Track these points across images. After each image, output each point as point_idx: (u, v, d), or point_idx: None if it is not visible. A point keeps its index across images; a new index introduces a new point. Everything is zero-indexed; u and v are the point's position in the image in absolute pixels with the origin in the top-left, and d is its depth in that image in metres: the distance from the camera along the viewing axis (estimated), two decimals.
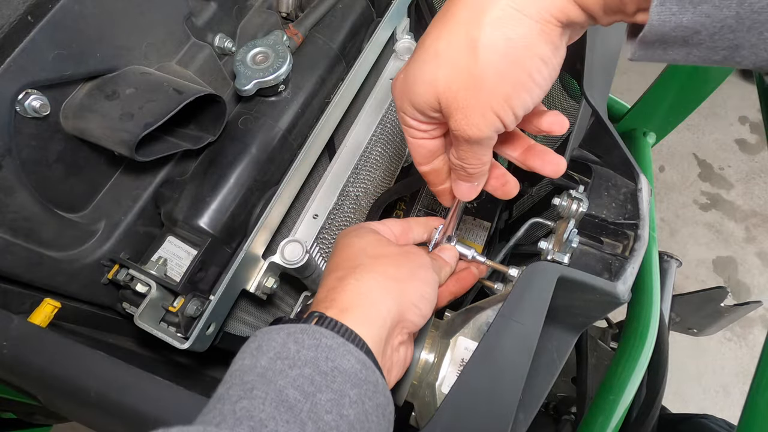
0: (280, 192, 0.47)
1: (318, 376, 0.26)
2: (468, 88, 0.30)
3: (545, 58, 0.29)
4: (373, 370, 0.29)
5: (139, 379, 0.34)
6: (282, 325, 0.29)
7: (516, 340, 0.37)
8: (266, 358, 0.27)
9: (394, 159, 0.80)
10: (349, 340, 0.29)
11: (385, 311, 0.32)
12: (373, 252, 0.37)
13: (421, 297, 0.35)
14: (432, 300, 0.37)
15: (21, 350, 0.35)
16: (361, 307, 0.32)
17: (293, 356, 0.27)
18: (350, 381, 0.27)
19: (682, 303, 0.83)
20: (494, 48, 0.28)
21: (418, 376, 0.43)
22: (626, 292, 0.38)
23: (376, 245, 0.38)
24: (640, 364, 0.56)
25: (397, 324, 0.34)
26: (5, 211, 0.37)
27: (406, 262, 0.37)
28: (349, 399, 0.27)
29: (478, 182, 0.39)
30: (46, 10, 0.34)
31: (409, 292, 0.35)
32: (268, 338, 0.29)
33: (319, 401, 0.26)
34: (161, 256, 0.44)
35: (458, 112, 0.31)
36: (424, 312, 0.36)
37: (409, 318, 0.34)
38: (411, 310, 0.34)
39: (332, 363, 0.27)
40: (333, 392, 0.26)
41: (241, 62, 0.48)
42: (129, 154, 0.37)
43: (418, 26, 0.78)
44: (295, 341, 0.28)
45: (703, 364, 1.54)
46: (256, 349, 0.28)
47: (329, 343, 0.28)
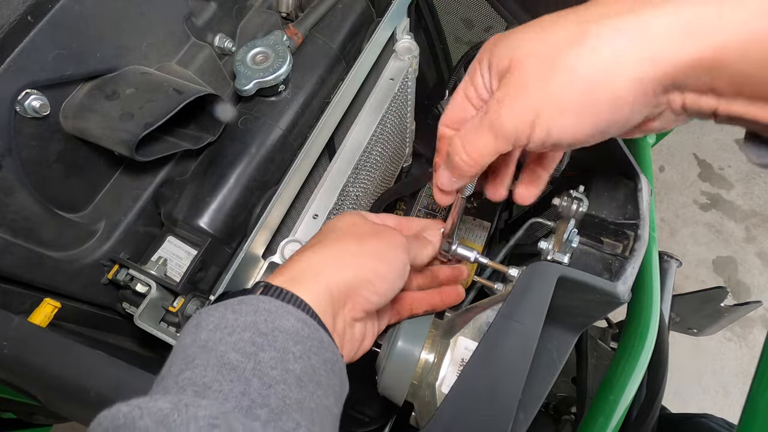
0: (280, 192, 0.47)
1: (258, 338, 0.27)
2: (538, 77, 0.27)
3: (625, 112, 0.26)
4: (317, 328, 0.29)
5: (139, 379, 0.34)
6: (219, 303, 0.30)
7: (516, 340, 0.37)
8: (205, 332, 0.28)
9: (394, 159, 0.80)
10: (289, 303, 0.30)
11: (333, 282, 0.33)
12: (343, 229, 0.37)
13: (377, 274, 0.35)
14: (392, 280, 0.36)
15: (21, 350, 0.35)
16: (307, 275, 0.33)
17: (231, 324, 0.28)
18: (292, 339, 0.28)
19: (682, 303, 0.83)
20: (588, 72, 0.25)
21: (418, 376, 0.42)
22: (626, 292, 0.38)
23: (350, 225, 0.38)
24: (640, 364, 0.55)
25: (347, 297, 0.34)
26: (5, 211, 0.37)
27: (372, 240, 0.36)
28: (293, 355, 0.27)
29: (457, 180, 0.35)
30: (46, 10, 0.34)
31: (365, 268, 0.35)
32: (206, 315, 0.29)
33: (263, 359, 0.26)
34: (161, 256, 0.44)
35: (511, 88, 0.28)
36: (379, 290, 0.35)
37: (362, 294, 0.34)
38: (364, 285, 0.34)
39: (272, 324, 0.28)
40: (275, 350, 0.27)
41: (241, 62, 0.48)
42: (129, 154, 0.37)
43: (418, 26, 0.78)
44: (233, 311, 0.28)
45: (703, 364, 1.54)
46: (195, 326, 0.29)
47: (267, 307, 0.29)
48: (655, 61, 0.24)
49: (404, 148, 0.85)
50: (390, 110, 0.66)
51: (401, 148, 0.83)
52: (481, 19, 0.75)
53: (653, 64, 0.24)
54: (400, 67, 0.66)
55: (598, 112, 0.26)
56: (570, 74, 0.26)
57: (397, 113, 0.71)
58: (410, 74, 0.69)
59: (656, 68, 0.24)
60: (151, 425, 0.21)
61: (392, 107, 0.66)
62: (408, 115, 0.77)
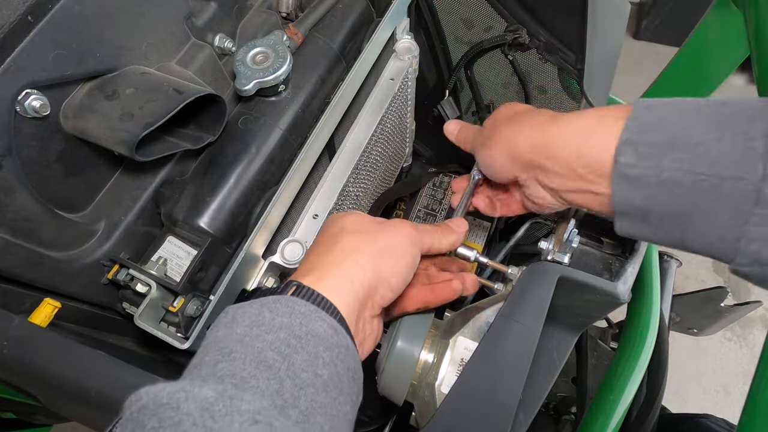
0: (280, 192, 0.47)
1: (293, 340, 0.28)
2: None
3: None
4: (344, 335, 0.31)
5: (139, 379, 0.34)
6: (254, 300, 0.31)
7: (516, 340, 0.37)
8: (242, 327, 0.28)
9: (394, 159, 0.80)
10: (321, 308, 0.30)
11: (358, 284, 0.34)
12: (352, 229, 0.38)
13: (393, 271, 0.36)
14: (405, 274, 0.37)
15: (21, 350, 0.35)
16: (336, 278, 0.34)
17: (269, 323, 0.28)
18: (323, 344, 0.29)
19: (682, 303, 0.83)
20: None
21: (417, 376, 0.42)
22: (626, 292, 0.38)
23: (355, 224, 0.39)
24: (640, 364, 0.56)
25: (369, 297, 0.35)
26: (5, 211, 0.37)
27: (382, 237, 0.37)
28: (323, 360, 0.28)
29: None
30: (46, 10, 0.34)
31: (381, 267, 0.36)
32: (241, 311, 0.30)
33: (296, 361, 0.27)
34: (161, 256, 0.44)
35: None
36: (394, 286, 0.37)
37: (380, 292, 0.36)
38: (382, 284, 0.36)
39: (306, 328, 0.29)
40: (308, 354, 0.28)
41: (241, 62, 0.48)
42: (129, 154, 0.37)
43: (418, 26, 0.78)
44: (270, 310, 0.29)
45: (703, 364, 1.54)
46: (230, 321, 0.29)
47: (302, 310, 0.29)
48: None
49: (404, 148, 0.85)
50: (390, 110, 0.66)
51: (401, 148, 0.83)
52: (481, 19, 0.75)
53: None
54: (400, 67, 0.66)
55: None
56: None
57: (397, 113, 0.71)
58: (410, 74, 0.69)
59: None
60: (195, 411, 0.22)
61: (392, 107, 0.66)
62: (408, 115, 0.77)
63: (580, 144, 0.33)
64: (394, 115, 0.70)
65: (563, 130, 0.35)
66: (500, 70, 0.79)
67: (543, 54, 0.69)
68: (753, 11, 0.60)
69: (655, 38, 2.11)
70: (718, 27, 0.69)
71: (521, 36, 0.69)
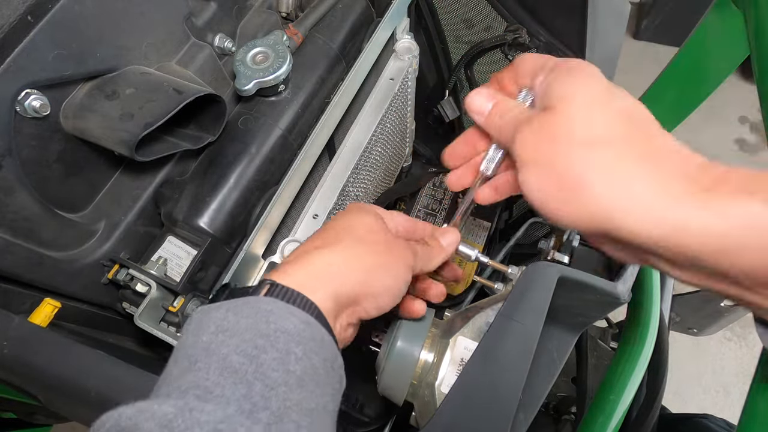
0: (280, 192, 0.47)
1: (260, 339, 0.27)
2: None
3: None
4: (319, 328, 0.29)
5: (139, 379, 0.34)
6: (221, 303, 0.30)
7: (516, 340, 0.37)
8: (207, 334, 0.28)
9: (394, 159, 0.80)
10: (293, 303, 0.30)
11: (342, 289, 0.33)
12: (359, 233, 0.37)
13: (385, 290, 0.35)
14: (394, 297, 0.36)
15: (21, 350, 0.35)
16: (319, 276, 0.33)
17: (233, 326, 0.28)
18: (294, 340, 0.28)
19: (682, 303, 0.83)
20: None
21: (417, 376, 0.43)
22: (626, 292, 0.38)
23: (366, 228, 0.38)
24: (640, 364, 0.55)
25: (352, 304, 0.34)
26: (5, 211, 0.37)
27: (385, 254, 0.36)
28: (295, 356, 0.27)
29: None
30: (46, 10, 0.34)
31: (374, 284, 0.35)
32: (207, 317, 0.29)
33: (264, 361, 0.26)
34: (161, 256, 0.45)
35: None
36: (381, 305, 0.36)
37: (365, 306, 0.35)
38: (369, 300, 0.35)
39: (274, 325, 0.28)
40: (277, 351, 0.27)
41: (241, 62, 0.48)
42: (129, 154, 0.37)
43: (418, 26, 0.78)
44: (234, 313, 0.28)
45: (703, 364, 1.54)
46: (196, 326, 0.29)
47: (269, 308, 0.29)
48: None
49: (404, 148, 0.85)
50: (390, 110, 0.66)
51: (401, 148, 0.83)
52: (481, 19, 0.75)
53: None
54: (400, 67, 0.66)
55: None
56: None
57: (397, 113, 0.71)
58: (410, 74, 0.69)
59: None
60: (156, 429, 0.22)
61: (392, 107, 0.67)
62: (408, 115, 0.77)
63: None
64: (394, 115, 0.70)
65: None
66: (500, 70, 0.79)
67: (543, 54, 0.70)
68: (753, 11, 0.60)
69: (655, 38, 2.11)
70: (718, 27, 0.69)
71: (521, 36, 0.69)
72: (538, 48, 0.69)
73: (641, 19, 2.12)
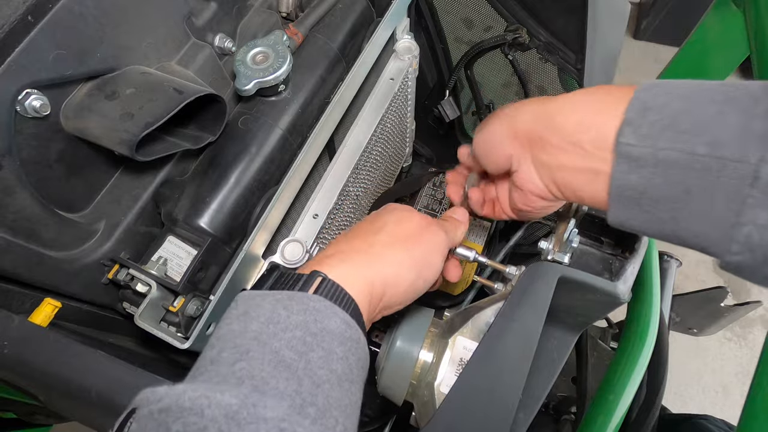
0: (280, 192, 0.47)
1: (309, 337, 0.28)
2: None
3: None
4: (356, 329, 0.31)
5: (140, 379, 0.34)
6: (267, 293, 0.31)
7: (516, 340, 0.37)
8: (257, 323, 0.29)
9: (394, 159, 0.80)
10: (336, 302, 0.31)
11: (377, 289, 0.35)
12: (392, 229, 0.38)
13: (414, 290, 0.38)
14: (421, 291, 0.39)
15: (21, 350, 0.35)
16: (357, 277, 0.34)
17: (284, 321, 0.29)
18: (336, 339, 0.29)
19: (682, 303, 0.83)
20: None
21: (417, 376, 0.43)
22: (626, 292, 0.38)
23: (397, 221, 0.39)
24: (640, 364, 0.55)
25: (380, 306, 0.36)
26: (5, 211, 0.37)
27: (418, 247, 0.38)
28: (336, 355, 0.29)
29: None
30: (46, 10, 0.34)
31: (406, 285, 0.37)
32: (254, 305, 0.30)
33: (312, 359, 0.27)
34: (161, 256, 0.45)
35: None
36: (406, 301, 0.38)
37: (393, 305, 0.37)
38: (395, 299, 0.36)
39: (321, 324, 0.29)
40: (323, 350, 0.28)
41: (241, 62, 0.48)
42: (129, 153, 0.37)
43: (418, 26, 0.78)
44: (284, 308, 0.30)
45: (703, 364, 1.54)
46: (243, 314, 0.30)
47: (317, 306, 0.30)
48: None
49: (404, 148, 0.85)
50: (390, 110, 0.66)
51: (401, 148, 0.83)
52: (481, 19, 0.75)
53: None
54: (400, 67, 0.66)
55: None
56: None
57: (397, 113, 0.71)
58: (410, 74, 0.69)
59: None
60: (220, 418, 0.22)
61: (392, 107, 0.67)
62: (408, 115, 0.77)
63: (585, 117, 0.32)
64: (394, 115, 0.70)
65: (568, 103, 0.33)
66: (500, 70, 0.79)
67: (543, 54, 0.70)
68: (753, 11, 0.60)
69: (655, 38, 2.11)
70: (718, 27, 0.69)
71: (521, 36, 0.69)
72: (538, 48, 0.69)
73: (641, 19, 2.12)
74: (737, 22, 0.64)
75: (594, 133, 0.31)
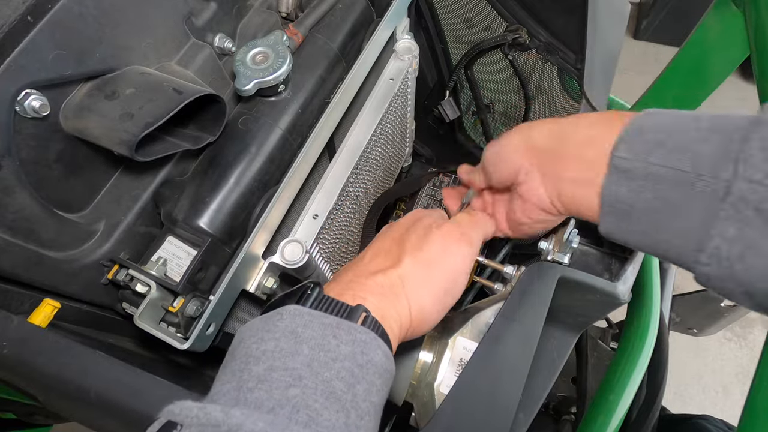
0: (280, 192, 0.47)
1: (356, 369, 0.29)
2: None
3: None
4: (392, 360, 0.32)
5: (139, 380, 0.34)
6: (314, 313, 0.31)
7: (516, 340, 0.37)
8: (307, 347, 0.29)
9: (394, 159, 0.80)
10: (378, 334, 0.32)
11: (404, 320, 0.35)
12: (415, 243, 0.39)
13: (444, 308, 0.38)
14: (445, 312, 0.39)
15: (21, 350, 0.35)
16: (394, 305, 0.35)
17: (334, 350, 0.29)
18: (378, 372, 0.30)
19: (682, 303, 0.83)
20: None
21: (416, 376, 0.43)
22: (626, 293, 0.38)
23: (418, 232, 0.40)
24: (640, 364, 0.56)
25: (406, 329, 0.36)
26: (5, 211, 0.37)
27: (439, 274, 0.38)
28: (376, 387, 0.30)
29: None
30: (46, 10, 0.34)
31: (438, 308, 0.37)
32: (302, 325, 0.30)
33: (358, 392, 0.28)
34: (161, 256, 0.44)
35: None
36: (436, 322, 0.38)
37: (417, 330, 0.37)
38: (422, 325, 0.37)
39: (366, 357, 0.30)
40: (367, 383, 0.29)
41: (241, 62, 0.48)
42: (129, 154, 0.37)
43: (418, 26, 0.78)
44: (334, 336, 0.30)
45: (703, 364, 1.54)
46: (291, 333, 0.29)
47: (364, 338, 0.30)
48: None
49: (404, 148, 0.85)
50: (390, 110, 0.66)
51: (401, 148, 0.83)
52: (481, 19, 0.75)
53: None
54: (400, 67, 0.66)
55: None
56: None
57: (397, 113, 0.71)
58: (410, 74, 0.69)
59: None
60: None
61: (392, 107, 0.66)
62: (408, 115, 0.77)
63: (593, 133, 0.35)
64: (394, 115, 0.70)
65: (582, 120, 0.37)
66: (500, 70, 0.79)
67: (543, 54, 0.69)
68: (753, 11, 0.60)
69: (655, 38, 2.12)
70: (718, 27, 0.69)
71: (521, 36, 0.69)
72: (538, 48, 0.69)
73: (641, 19, 2.12)
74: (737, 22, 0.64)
75: (597, 148, 0.34)
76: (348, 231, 0.67)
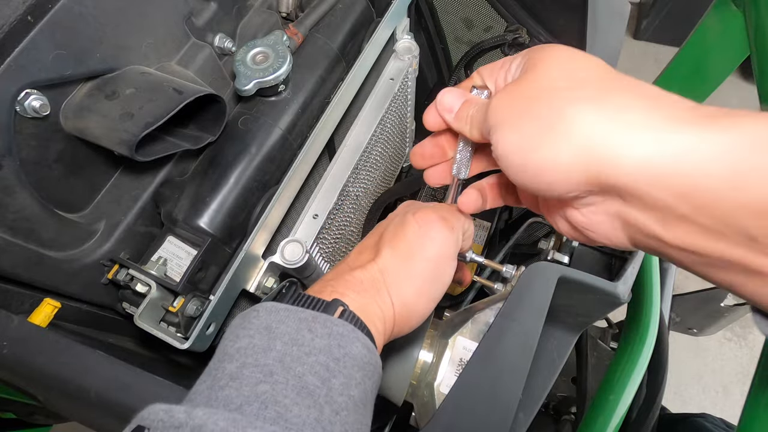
0: (280, 192, 0.47)
1: (332, 363, 0.28)
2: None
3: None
4: (375, 353, 0.31)
5: (139, 379, 0.34)
6: (290, 308, 0.30)
7: (516, 340, 0.37)
8: (280, 343, 0.28)
9: (394, 159, 0.80)
10: (357, 327, 0.30)
11: (398, 314, 0.34)
12: (392, 233, 0.37)
13: (430, 309, 0.37)
14: (437, 301, 0.38)
15: (21, 350, 0.35)
16: (379, 300, 0.34)
17: (308, 344, 0.28)
18: (357, 364, 0.29)
19: (682, 303, 0.83)
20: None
21: (416, 376, 0.43)
22: (626, 292, 0.38)
23: (395, 221, 0.38)
24: (640, 364, 0.55)
25: (395, 333, 0.36)
26: (5, 211, 0.37)
27: (441, 264, 0.36)
28: (355, 381, 0.28)
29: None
30: (46, 10, 0.34)
31: (428, 306, 0.36)
32: (277, 320, 0.29)
33: (333, 386, 0.27)
34: (161, 256, 0.44)
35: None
36: (422, 321, 0.37)
37: (402, 328, 0.36)
38: (407, 323, 0.36)
39: (343, 350, 0.29)
40: (344, 376, 0.28)
41: (241, 62, 0.48)
42: (129, 154, 0.37)
43: (418, 26, 0.78)
44: (309, 330, 0.29)
45: (703, 364, 1.54)
46: (266, 329, 0.29)
47: (341, 331, 0.29)
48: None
49: (404, 148, 0.85)
50: (390, 110, 0.66)
51: (401, 148, 0.83)
52: (481, 19, 0.75)
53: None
54: (400, 67, 0.66)
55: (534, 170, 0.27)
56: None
57: (397, 113, 0.71)
58: (410, 74, 0.69)
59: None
60: None
61: (392, 107, 0.66)
62: (408, 115, 0.77)
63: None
64: (394, 115, 0.70)
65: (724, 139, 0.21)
66: None
67: None
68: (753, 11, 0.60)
69: (655, 38, 2.11)
70: (718, 27, 0.69)
71: (521, 36, 0.69)
72: None
73: (641, 19, 2.12)
74: (737, 22, 0.64)
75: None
76: (348, 231, 0.67)
